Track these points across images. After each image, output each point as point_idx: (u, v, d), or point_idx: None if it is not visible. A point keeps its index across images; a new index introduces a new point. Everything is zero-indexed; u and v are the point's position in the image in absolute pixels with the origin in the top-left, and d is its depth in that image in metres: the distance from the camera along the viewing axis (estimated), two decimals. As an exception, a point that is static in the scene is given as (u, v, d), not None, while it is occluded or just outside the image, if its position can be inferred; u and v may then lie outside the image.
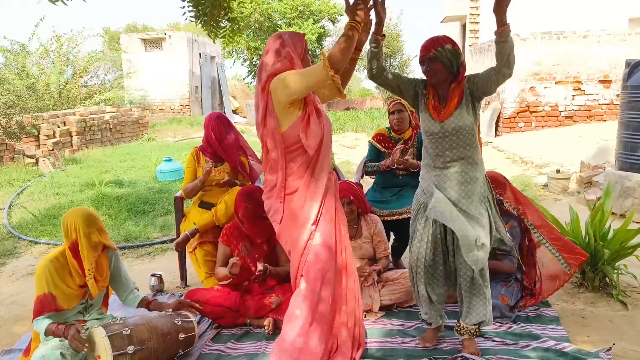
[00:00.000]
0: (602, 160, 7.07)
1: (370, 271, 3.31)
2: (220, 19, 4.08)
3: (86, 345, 2.48)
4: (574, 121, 10.96)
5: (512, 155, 9.01)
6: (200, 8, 3.95)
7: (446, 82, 2.60)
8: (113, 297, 3.20)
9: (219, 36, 4.25)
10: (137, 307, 2.96)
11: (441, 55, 2.53)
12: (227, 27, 4.25)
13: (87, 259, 2.66)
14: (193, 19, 4.04)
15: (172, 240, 4.82)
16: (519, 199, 3.24)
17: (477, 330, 2.72)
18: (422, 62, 2.61)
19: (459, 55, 2.56)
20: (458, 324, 2.77)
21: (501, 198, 3.19)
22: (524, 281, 3.33)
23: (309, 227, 2.44)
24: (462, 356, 2.68)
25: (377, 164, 3.97)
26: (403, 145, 3.90)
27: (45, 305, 2.58)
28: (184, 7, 3.92)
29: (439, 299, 2.81)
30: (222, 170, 3.79)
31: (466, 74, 2.63)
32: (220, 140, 3.74)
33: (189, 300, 3.05)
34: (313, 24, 22.18)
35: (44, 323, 2.56)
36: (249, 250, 3.28)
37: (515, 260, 3.28)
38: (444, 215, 2.58)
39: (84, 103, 15.31)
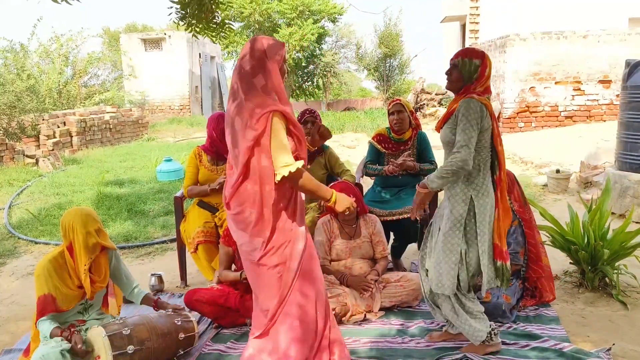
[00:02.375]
0: (602, 160, 7.07)
1: (368, 283, 3.29)
2: (207, 22, 4.11)
3: (88, 352, 2.50)
4: (574, 121, 10.96)
5: (512, 155, 9.01)
6: (187, 10, 3.97)
7: (458, 92, 2.62)
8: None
9: (204, 35, 4.30)
10: (141, 304, 2.96)
11: (463, 65, 2.55)
12: (215, 28, 4.27)
13: (82, 261, 2.65)
14: (178, 21, 4.07)
15: (172, 241, 4.83)
16: (520, 203, 3.32)
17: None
18: (450, 64, 2.64)
19: (479, 73, 2.53)
20: None
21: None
22: (525, 278, 3.34)
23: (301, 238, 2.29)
24: (463, 355, 2.69)
25: (379, 167, 3.98)
26: (408, 152, 3.93)
27: (46, 307, 2.59)
28: (171, 7, 3.96)
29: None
30: (223, 170, 3.80)
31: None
32: (222, 138, 3.76)
33: (184, 308, 3.06)
34: (313, 24, 22.17)
35: (47, 326, 2.57)
36: None
37: (520, 258, 3.29)
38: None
39: (84, 103, 15.32)
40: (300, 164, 2.16)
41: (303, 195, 2.37)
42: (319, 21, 23.15)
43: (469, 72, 2.54)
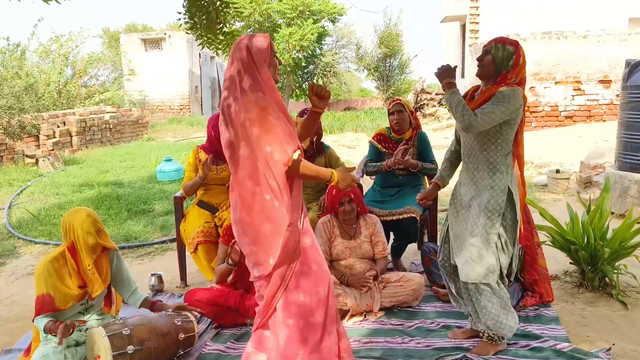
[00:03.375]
0: (602, 160, 7.07)
1: (367, 279, 3.27)
2: (216, 33, 4.13)
3: (66, 336, 2.48)
4: (574, 121, 10.96)
5: (512, 155, 9.00)
6: (196, 20, 3.99)
7: (490, 80, 2.61)
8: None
9: (214, 49, 4.30)
10: (140, 307, 2.95)
11: (495, 51, 2.55)
12: (222, 40, 4.29)
13: (86, 261, 2.67)
14: (189, 31, 4.12)
15: (172, 240, 4.83)
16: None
17: (494, 334, 2.70)
18: (482, 51, 2.64)
19: (514, 60, 2.53)
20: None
21: None
22: (523, 281, 3.34)
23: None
24: (463, 355, 2.69)
25: (378, 164, 3.98)
26: (405, 145, 3.91)
27: (43, 306, 2.59)
28: (179, 18, 3.99)
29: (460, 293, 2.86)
30: (223, 170, 3.79)
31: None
32: (220, 138, 3.76)
33: (187, 305, 3.04)
34: (313, 23, 22.17)
35: (43, 321, 2.57)
36: None
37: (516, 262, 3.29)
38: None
39: (84, 103, 15.33)
40: (296, 154, 2.14)
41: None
42: (319, 21, 23.14)
43: (502, 57, 2.53)
